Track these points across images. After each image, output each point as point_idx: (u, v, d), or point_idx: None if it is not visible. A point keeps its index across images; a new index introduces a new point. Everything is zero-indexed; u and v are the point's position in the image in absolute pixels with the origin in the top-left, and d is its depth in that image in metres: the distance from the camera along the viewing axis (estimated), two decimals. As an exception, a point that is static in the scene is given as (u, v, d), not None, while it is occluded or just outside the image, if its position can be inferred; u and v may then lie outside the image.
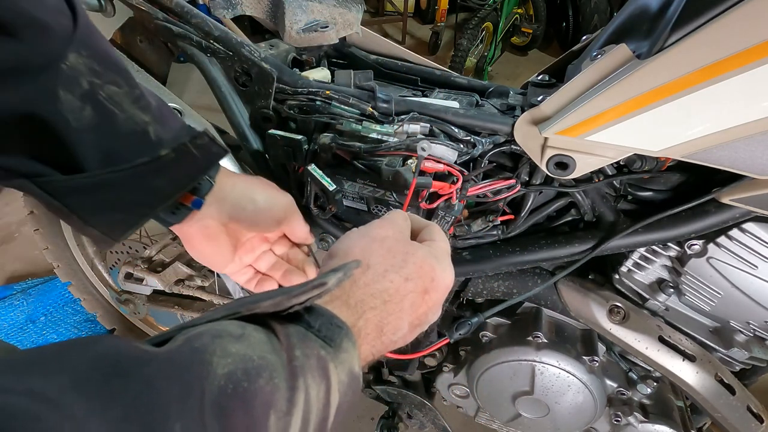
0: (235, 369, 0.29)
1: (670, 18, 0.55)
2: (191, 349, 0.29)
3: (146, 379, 0.26)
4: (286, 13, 0.83)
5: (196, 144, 0.49)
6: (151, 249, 1.20)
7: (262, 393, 0.29)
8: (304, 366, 0.32)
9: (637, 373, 0.93)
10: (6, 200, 2.18)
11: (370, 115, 0.74)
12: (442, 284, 0.45)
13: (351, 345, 0.36)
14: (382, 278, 0.41)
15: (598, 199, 0.77)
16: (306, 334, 0.34)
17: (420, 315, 0.43)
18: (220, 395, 0.27)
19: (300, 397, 0.30)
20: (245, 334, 0.32)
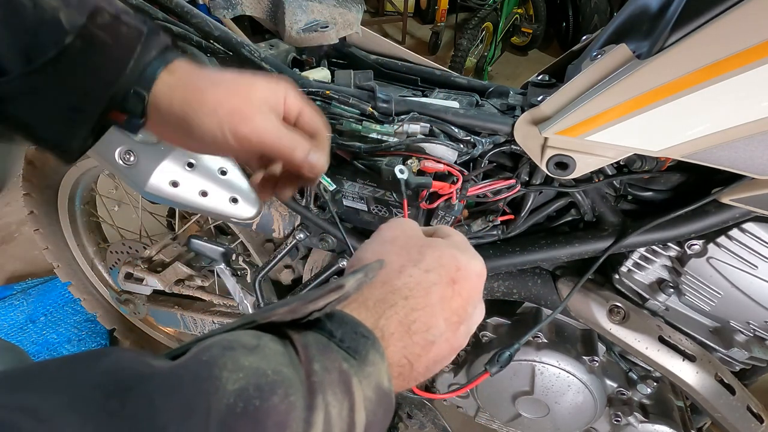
0: (247, 385, 0.26)
1: (670, 18, 0.55)
2: (199, 363, 0.27)
3: (146, 397, 0.24)
4: (286, 13, 0.83)
5: (97, 24, 0.41)
6: (151, 249, 1.20)
7: (275, 412, 0.26)
8: (323, 381, 0.29)
9: (637, 373, 0.93)
10: (6, 200, 2.18)
11: (370, 115, 0.74)
12: (471, 272, 0.40)
13: (379, 357, 0.32)
14: (399, 274, 0.38)
15: (598, 199, 0.77)
16: (327, 344, 0.31)
17: (457, 309, 0.39)
18: (228, 414, 0.25)
19: (318, 418, 0.27)
20: (260, 345, 0.29)
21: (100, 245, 1.42)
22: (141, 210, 1.32)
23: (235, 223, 0.98)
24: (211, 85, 0.46)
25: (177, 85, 0.45)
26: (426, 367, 0.37)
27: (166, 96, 0.45)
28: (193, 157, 0.84)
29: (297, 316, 0.32)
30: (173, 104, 0.45)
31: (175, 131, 0.46)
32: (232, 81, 0.46)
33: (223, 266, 1.03)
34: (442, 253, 0.40)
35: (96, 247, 1.41)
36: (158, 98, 0.45)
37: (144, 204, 1.30)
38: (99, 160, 0.90)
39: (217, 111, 0.45)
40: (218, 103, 0.45)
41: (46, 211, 1.27)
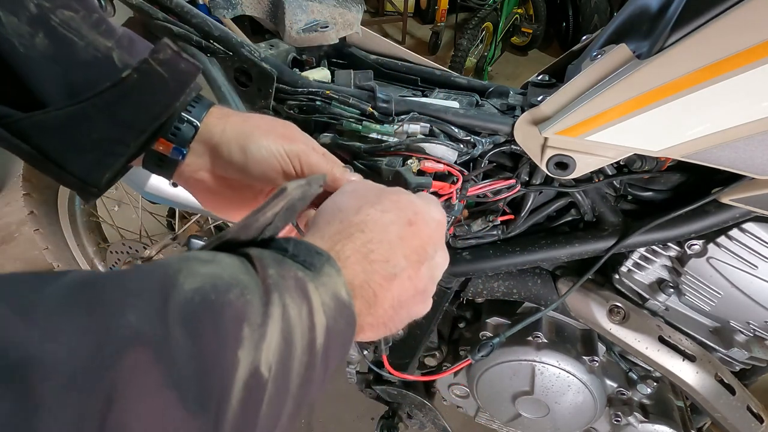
0: (204, 284, 0.27)
1: (670, 18, 0.55)
2: (154, 266, 0.27)
3: (102, 287, 0.25)
4: (286, 13, 0.83)
5: (158, 59, 0.42)
6: (151, 249, 1.20)
7: (232, 306, 0.27)
8: (279, 284, 0.29)
9: (637, 373, 0.93)
10: (6, 200, 2.18)
11: (370, 115, 0.74)
12: (428, 217, 0.41)
13: (334, 271, 0.33)
14: (356, 213, 0.38)
15: (598, 199, 0.77)
16: (282, 258, 0.32)
17: (416, 248, 0.39)
18: (186, 305, 0.25)
19: (275, 312, 0.28)
20: (215, 259, 0.29)
21: (100, 245, 1.42)
22: (141, 210, 1.32)
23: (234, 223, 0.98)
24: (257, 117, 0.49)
25: (228, 116, 0.48)
26: (392, 305, 0.38)
27: (219, 127, 0.47)
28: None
29: (250, 233, 0.33)
30: (227, 131, 0.47)
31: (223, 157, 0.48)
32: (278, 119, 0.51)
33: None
34: (400, 198, 0.41)
35: (96, 247, 1.41)
36: (210, 128, 0.47)
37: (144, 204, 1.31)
38: (99, 160, 0.90)
39: (273, 132, 0.48)
40: (271, 127, 0.48)
41: (46, 211, 1.27)
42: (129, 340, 0.23)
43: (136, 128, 0.43)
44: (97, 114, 0.41)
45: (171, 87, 0.44)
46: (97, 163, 0.44)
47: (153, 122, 0.44)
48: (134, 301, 0.24)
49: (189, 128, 0.46)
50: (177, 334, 0.24)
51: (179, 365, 0.24)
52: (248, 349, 0.26)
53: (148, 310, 0.24)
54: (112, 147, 0.43)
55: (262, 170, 0.47)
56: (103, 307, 0.24)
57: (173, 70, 0.44)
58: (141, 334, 0.23)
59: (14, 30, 0.38)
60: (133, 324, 0.23)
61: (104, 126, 0.42)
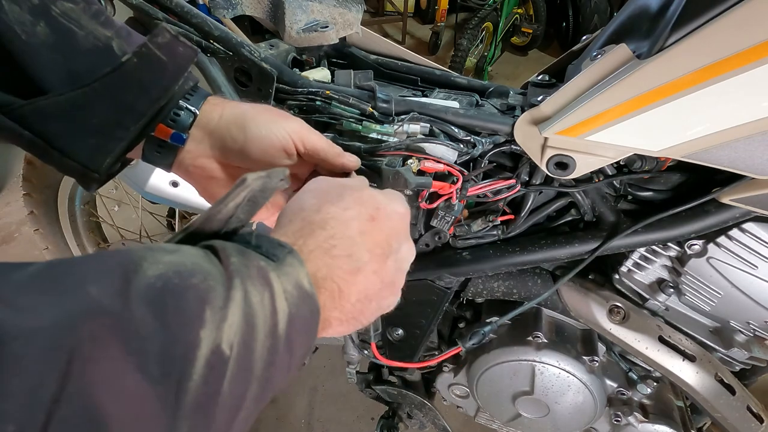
0: (167, 271, 0.27)
1: (670, 18, 0.55)
2: (117, 251, 0.28)
3: (66, 266, 0.25)
4: (286, 13, 0.83)
5: (157, 43, 0.44)
6: (151, 249, 1.20)
7: (195, 289, 0.27)
8: (241, 271, 0.30)
9: (637, 373, 0.93)
10: (6, 200, 2.18)
11: (370, 115, 0.74)
12: (390, 210, 0.42)
13: (297, 262, 0.34)
14: (317, 212, 0.39)
15: (598, 199, 0.77)
16: (245, 249, 0.33)
17: (380, 242, 0.40)
18: (149, 288, 0.26)
19: (237, 295, 0.29)
20: (179, 249, 0.30)
21: (100, 245, 1.42)
22: (141, 210, 1.32)
23: (235, 223, 0.98)
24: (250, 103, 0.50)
25: (224, 103, 0.49)
26: (358, 299, 0.38)
27: (217, 111, 0.48)
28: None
29: (214, 225, 0.34)
30: (224, 116, 0.48)
31: (222, 142, 0.48)
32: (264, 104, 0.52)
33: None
34: (362, 194, 0.41)
35: (96, 247, 1.42)
36: (207, 114, 0.48)
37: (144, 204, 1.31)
38: (99, 160, 0.90)
39: (269, 111, 0.49)
40: (267, 108, 0.49)
41: (46, 211, 1.27)
42: (90, 309, 0.24)
43: (136, 111, 0.44)
44: (98, 98, 0.42)
45: (170, 70, 0.45)
46: (98, 148, 0.44)
47: (152, 105, 0.45)
48: (97, 278, 0.25)
49: (188, 115, 0.47)
50: (139, 311, 0.25)
51: (140, 336, 0.24)
52: (210, 329, 0.27)
53: (110, 288, 0.25)
54: (112, 131, 0.44)
55: (263, 148, 0.48)
56: (65, 283, 0.24)
57: (172, 53, 0.45)
58: (102, 305, 0.24)
59: (16, 18, 0.39)
60: (95, 297, 0.24)
61: (105, 110, 0.43)
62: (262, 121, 0.48)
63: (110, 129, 0.44)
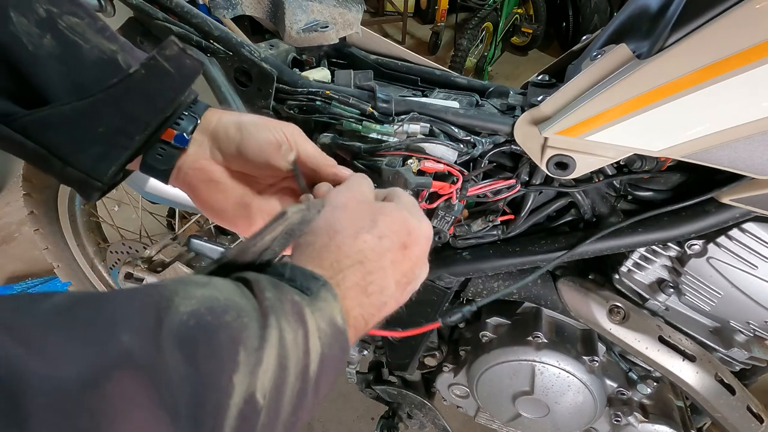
0: (200, 307, 0.26)
1: (670, 18, 0.55)
2: (149, 287, 0.27)
3: (95, 305, 0.24)
4: (286, 13, 0.83)
5: (165, 55, 0.45)
6: (151, 249, 1.20)
7: (228, 328, 0.26)
8: (275, 307, 0.29)
9: (637, 373, 0.93)
10: (6, 200, 2.18)
11: (370, 115, 0.74)
12: (420, 236, 0.42)
13: (331, 296, 0.33)
14: (353, 240, 0.38)
15: (598, 199, 0.77)
16: (278, 283, 0.32)
17: (405, 272, 0.41)
18: (181, 326, 0.25)
19: (272, 335, 0.28)
20: (212, 282, 0.29)
21: (100, 245, 1.42)
22: (141, 210, 1.32)
23: (235, 223, 0.98)
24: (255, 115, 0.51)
25: (223, 111, 0.51)
26: (374, 324, 0.39)
27: (215, 116, 0.50)
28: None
29: (248, 257, 0.34)
30: (222, 121, 0.49)
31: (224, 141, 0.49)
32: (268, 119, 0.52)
33: (223, 266, 1.03)
34: (394, 218, 0.41)
35: (96, 247, 1.41)
36: (207, 119, 0.49)
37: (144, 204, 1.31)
38: (99, 160, 0.90)
39: (264, 119, 0.50)
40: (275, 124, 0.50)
41: (46, 211, 1.27)
42: (120, 360, 0.22)
43: (142, 121, 0.45)
44: (104, 108, 0.43)
45: (177, 81, 0.46)
46: (102, 156, 0.45)
47: (158, 115, 0.45)
48: (128, 321, 0.24)
49: (190, 120, 0.48)
50: (171, 357, 0.24)
51: (172, 388, 0.23)
52: (244, 374, 0.26)
53: (142, 330, 0.24)
54: (117, 139, 0.44)
55: (259, 146, 0.48)
56: (94, 324, 0.23)
57: (179, 65, 0.46)
58: (133, 354, 0.23)
59: (24, 30, 0.40)
60: (125, 344, 0.23)
61: (111, 119, 0.43)
62: (259, 123, 0.49)
63: (115, 138, 0.44)
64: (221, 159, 0.50)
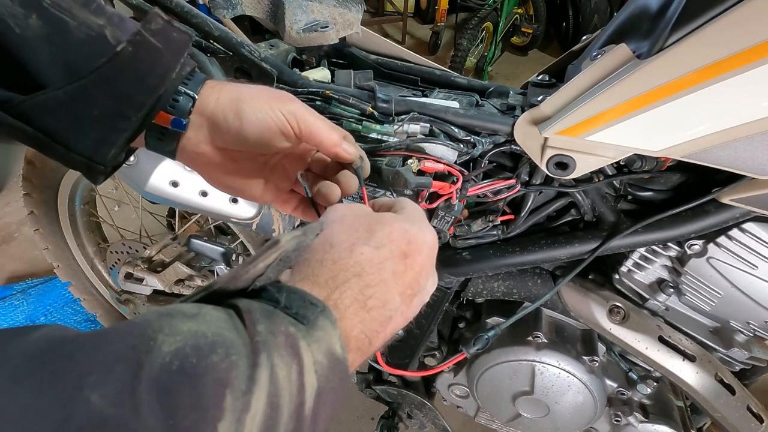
0: (184, 346, 0.25)
1: (670, 18, 0.55)
2: (130, 325, 0.26)
3: (68, 354, 0.23)
4: (286, 13, 0.83)
5: (151, 30, 0.43)
6: (151, 249, 1.20)
7: (214, 370, 0.25)
8: (267, 342, 0.28)
9: (637, 373, 0.93)
10: (6, 200, 2.18)
11: (370, 115, 0.74)
12: (422, 245, 0.40)
13: (329, 324, 0.32)
14: (350, 253, 0.37)
15: (598, 199, 0.77)
16: (273, 311, 0.31)
17: (410, 283, 0.39)
18: (162, 372, 0.23)
19: (263, 375, 0.26)
20: (201, 313, 0.28)
21: (100, 245, 1.42)
22: (141, 210, 1.32)
23: (235, 223, 0.98)
24: (249, 85, 0.49)
25: (223, 86, 0.48)
26: (382, 341, 0.38)
27: (214, 95, 0.47)
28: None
29: (240, 284, 0.32)
30: (221, 99, 0.47)
31: (220, 127, 0.48)
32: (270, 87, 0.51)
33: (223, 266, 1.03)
34: (392, 228, 0.40)
35: (96, 247, 1.41)
36: (205, 99, 0.47)
37: (144, 204, 1.31)
38: (99, 160, 0.90)
39: (262, 94, 0.48)
40: (261, 90, 0.48)
41: (46, 211, 1.27)
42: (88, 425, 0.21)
43: (136, 101, 0.43)
44: (96, 90, 0.41)
45: (166, 57, 0.44)
46: (101, 140, 0.44)
47: (151, 94, 0.44)
48: (101, 374, 0.23)
49: (187, 100, 0.46)
50: (148, 413, 0.22)
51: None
52: (230, 422, 0.24)
53: (117, 384, 0.22)
54: (114, 122, 0.43)
55: (259, 132, 0.47)
56: (63, 379, 0.22)
57: (166, 39, 0.44)
58: (103, 417, 0.21)
59: (8, 11, 0.38)
60: (95, 405, 0.21)
61: (104, 101, 0.42)
62: (258, 105, 0.47)
63: (112, 120, 0.43)
64: (221, 143, 0.49)
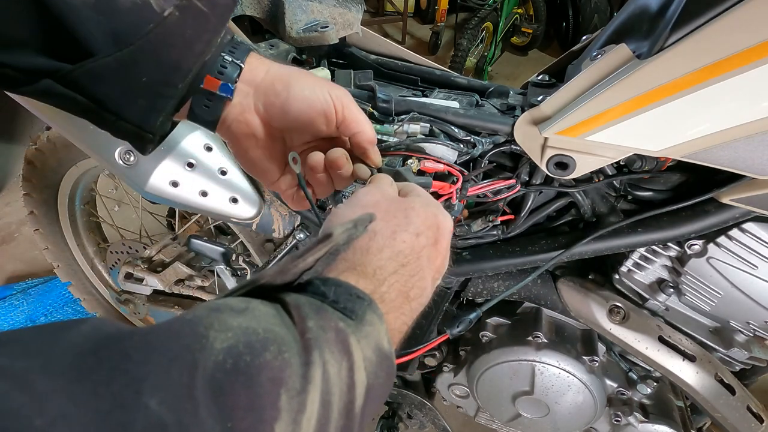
0: (237, 343, 0.25)
1: (670, 18, 0.55)
2: (182, 322, 0.25)
3: (123, 352, 0.22)
4: (286, 13, 0.83)
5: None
6: (151, 249, 1.20)
7: (268, 368, 0.24)
8: (319, 339, 0.27)
9: (637, 373, 0.93)
10: (6, 200, 2.18)
11: (370, 115, 0.74)
12: (446, 230, 0.43)
13: (376, 318, 0.32)
14: (393, 241, 0.37)
15: (598, 199, 0.77)
16: (321, 306, 0.30)
17: (439, 267, 0.41)
18: (217, 371, 0.23)
19: (316, 374, 0.26)
20: (249, 308, 0.28)
21: (100, 245, 1.42)
22: (141, 210, 1.32)
23: (235, 223, 0.98)
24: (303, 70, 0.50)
25: (269, 61, 0.49)
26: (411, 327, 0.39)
27: (262, 67, 0.48)
28: (193, 157, 0.84)
29: (287, 278, 0.32)
30: (271, 71, 0.48)
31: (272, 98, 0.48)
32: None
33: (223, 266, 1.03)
34: (426, 213, 0.41)
35: (96, 247, 1.41)
36: (254, 69, 0.47)
37: (144, 204, 1.30)
38: (99, 159, 0.90)
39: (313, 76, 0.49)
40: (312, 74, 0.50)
41: (46, 211, 1.27)
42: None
43: (184, 68, 0.44)
44: (144, 57, 0.42)
45: (212, 21, 0.44)
46: (150, 108, 0.44)
47: (198, 60, 0.44)
48: (160, 375, 0.22)
49: (234, 68, 0.46)
50: (206, 415, 0.22)
51: None
52: (286, 422, 0.24)
53: (175, 388, 0.22)
54: (162, 89, 0.43)
55: (303, 108, 0.48)
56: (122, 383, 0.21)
57: (212, 3, 0.44)
58: (165, 424, 0.21)
59: None
60: (156, 412, 0.21)
61: (152, 69, 0.42)
62: (307, 82, 0.48)
63: (159, 87, 0.43)
64: (264, 113, 0.49)
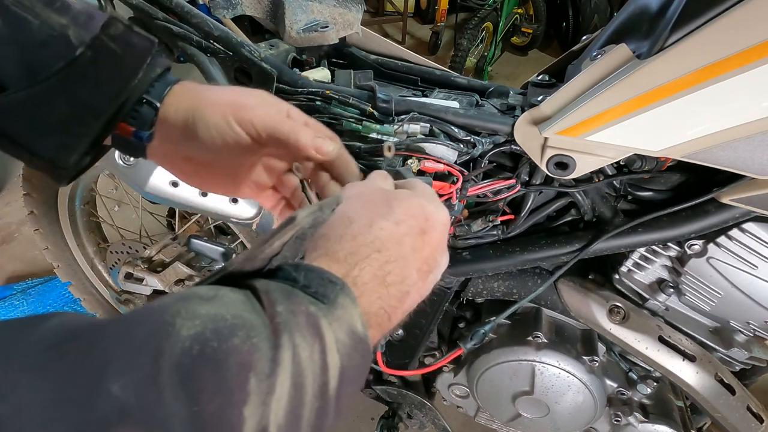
0: (204, 330, 0.24)
1: (670, 18, 0.55)
2: (148, 310, 0.25)
3: (88, 343, 0.23)
4: (286, 13, 0.83)
5: (109, 35, 0.41)
6: (151, 249, 1.20)
7: (236, 353, 0.24)
8: (289, 323, 0.27)
9: (637, 373, 0.93)
10: (6, 200, 2.18)
11: (370, 115, 0.74)
12: (438, 222, 0.41)
13: (349, 301, 0.31)
14: (369, 228, 0.36)
15: (598, 199, 0.77)
16: (291, 290, 0.30)
17: (427, 259, 0.39)
18: (183, 356, 0.23)
19: (285, 356, 0.26)
20: (218, 296, 0.27)
21: (100, 245, 1.42)
22: (141, 210, 1.32)
23: (235, 223, 0.98)
24: (214, 89, 0.47)
25: (184, 93, 0.46)
26: (400, 317, 0.37)
27: (173, 105, 0.45)
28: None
29: (256, 264, 0.32)
30: (179, 111, 0.45)
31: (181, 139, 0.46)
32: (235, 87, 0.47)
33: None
34: (411, 204, 0.40)
35: (96, 247, 1.41)
36: (166, 108, 0.45)
37: (144, 204, 1.30)
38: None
39: (217, 102, 0.45)
40: (218, 97, 0.45)
41: (46, 211, 1.27)
42: (112, 418, 0.21)
43: (96, 109, 0.42)
44: (55, 95, 0.40)
45: (126, 64, 0.42)
46: (62, 145, 0.42)
47: (112, 102, 0.42)
48: (123, 362, 0.22)
49: (149, 110, 0.44)
50: (172, 400, 0.22)
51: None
52: (255, 404, 0.24)
53: (138, 374, 0.22)
54: (74, 128, 0.42)
55: (216, 147, 0.45)
56: (85, 372, 0.22)
57: (127, 45, 0.42)
58: (127, 408, 0.21)
59: None
60: (118, 396, 0.21)
61: (63, 107, 0.41)
62: (212, 119, 0.44)
63: (71, 126, 0.42)
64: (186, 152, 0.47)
